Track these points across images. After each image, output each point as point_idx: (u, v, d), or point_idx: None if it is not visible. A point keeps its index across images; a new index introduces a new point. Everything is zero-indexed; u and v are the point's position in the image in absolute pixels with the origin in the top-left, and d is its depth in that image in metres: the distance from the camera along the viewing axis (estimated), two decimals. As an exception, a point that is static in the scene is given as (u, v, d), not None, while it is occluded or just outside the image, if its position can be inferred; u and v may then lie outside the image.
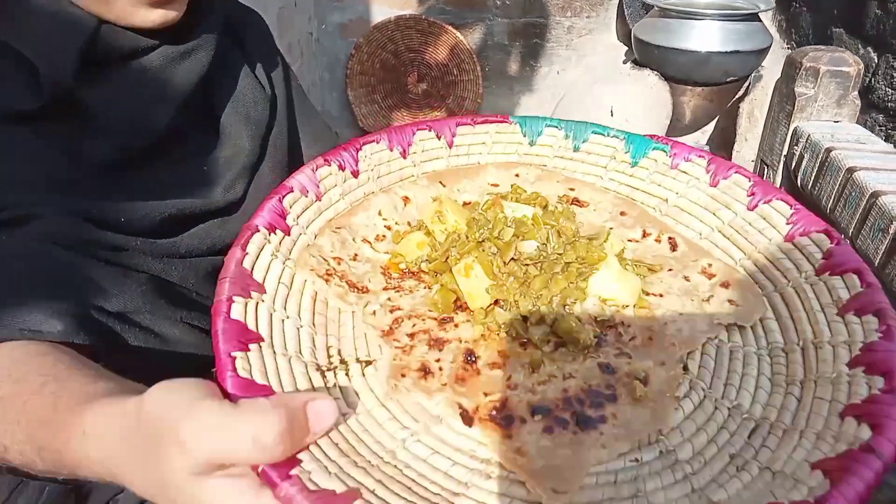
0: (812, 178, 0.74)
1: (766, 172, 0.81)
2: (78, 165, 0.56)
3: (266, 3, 2.06)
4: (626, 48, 2.30)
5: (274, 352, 0.41)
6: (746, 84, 2.06)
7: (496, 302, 0.46)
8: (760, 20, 1.98)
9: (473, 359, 0.43)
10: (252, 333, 0.41)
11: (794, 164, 0.77)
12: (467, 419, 0.39)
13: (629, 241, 0.54)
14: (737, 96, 2.09)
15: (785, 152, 0.80)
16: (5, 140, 0.53)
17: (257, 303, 0.43)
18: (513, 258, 0.45)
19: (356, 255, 0.50)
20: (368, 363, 0.43)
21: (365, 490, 0.34)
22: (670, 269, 0.51)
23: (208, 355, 0.40)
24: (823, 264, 0.47)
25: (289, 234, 0.48)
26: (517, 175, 0.59)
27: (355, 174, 0.54)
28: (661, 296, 0.49)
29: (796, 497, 0.33)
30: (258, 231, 0.46)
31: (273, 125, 0.71)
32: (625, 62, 2.24)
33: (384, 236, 0.52)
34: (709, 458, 0.38)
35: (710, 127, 2.32)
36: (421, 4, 2.46)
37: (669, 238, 0.53)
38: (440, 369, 0.42)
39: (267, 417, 0.32)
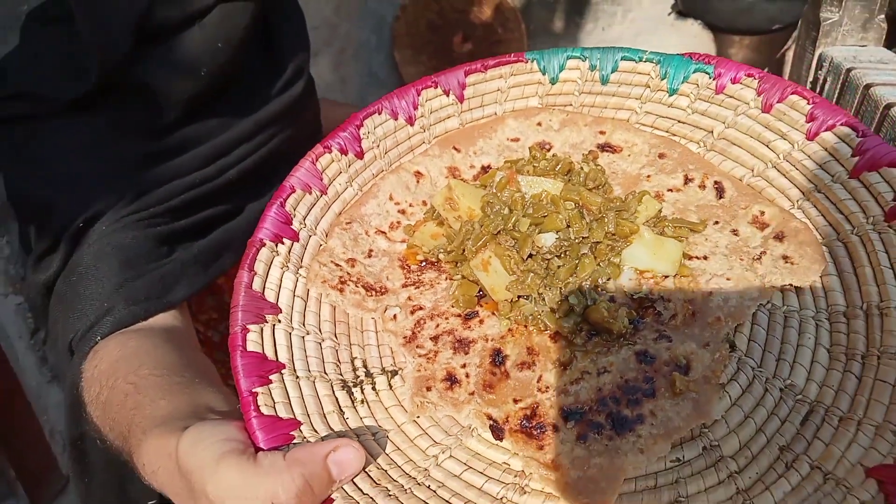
0: (834, 100, 0.72)
1: None
2: (138, 135, 0.64)
3: None
4: (672, 1, 2.23)
5: (297, 377, 0.42)
6: (795, 33, 1.90)
7: (525, 296, 0.44)
8: None
9: (501, 359, 0.43)
10: (271, 363, 0.41)
11: (818, 89, 0.75)
12: (497, 432, 0.40)
13: (669, 190, 0.49)
14: (785, 47, 2.06)
15: (811, 79, 0.76)
16: (74, 131, 0.62)
17: (273, 326, 0.43)
18: (531, 254, 0.43)
19: (371, 250, 0.49)
20: (394, 373, 0.44)
21: None
22: (716, 223, 0.47)
23: None
24: (895, 205, 0.42)
25: (297, 240, 0.47)
26: (539, 124, 0.54)
27: (359, 155, 0.52)
28: (705, 258, 0.45)
29: None
30: (264, 245, 0.45)
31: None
32: (669, 13, 2.25)
33: (398, 223, 0.50)
34: (756, 451, 0.37)
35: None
36: None
37: (715, 183, 0.49)
38: (466, 376, 0.42)
39: (283, 478, 0.34)
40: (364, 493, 0.37)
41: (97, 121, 0.63)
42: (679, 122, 0.52)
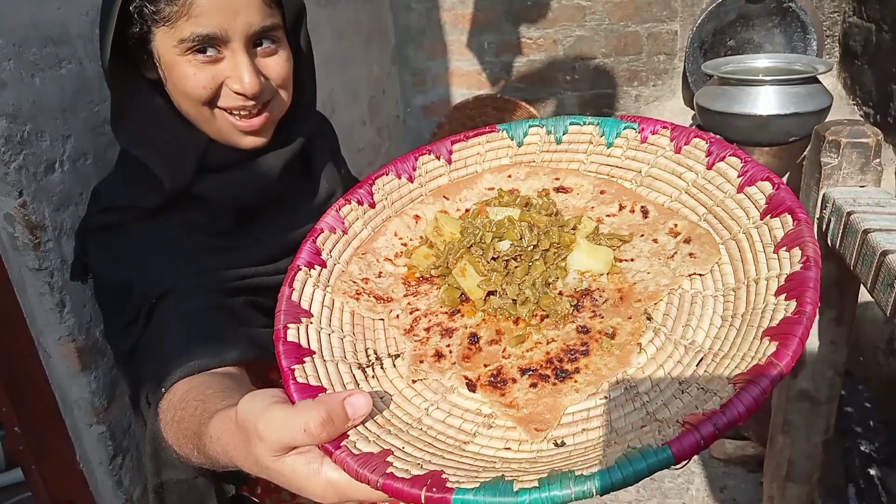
0: (839, 239, 0.82)
1: None
2: (202, 234, 0.84)
3: (359, 94, 2.44)
4: (693, 112, 2.49)
5: (324, 360, 0.57)
6: (806, 152, 2.11)
7: (493, 292, 0.60)
8: (819, 81, 2.10)
9: (476, 339, 0.58)
10: (305, 350, 0.57)
11: (823, 227, 0.87)
12: (471, 387, 0.54)
13: (608, 216, 0.66)
14: (805, 153, 2.25)
15: (817, 216, 0.89)
16: (152, 231, 0.82)
17: (307, 325, 0.60)
18: (493, 258, 0.59)
19: (380, 272, 0.66)
20: (397, 356, 0.59)
21: (395, 449, 0.49)
22: (642, 235, 0.63)
23: None
24: (766, 208, 0.57)
25: (325, 267, 0.65)
26: (509, 176, 0.72)
27: (372, 205, 0.70)
28: (632, 260, 0.61)
29: (711, 407, 0.45)
30: (300, 270, 0.63)
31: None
32: (690, 126, 2.40)
33: (401, 253, 0.67)
34: (663, 387, 0.51)
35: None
36: (496, 84, 2.81)
37: (642, 207, 0.65)
38: (450, 352, 0.57)
39: (312, 413, 0.48)
40: (372, 432, 0.51)
41: (168, 223, 0.84)
42: (615, 166, 0.69)
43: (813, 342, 1.04)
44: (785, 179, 2.72)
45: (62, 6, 1.00)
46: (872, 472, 1.33)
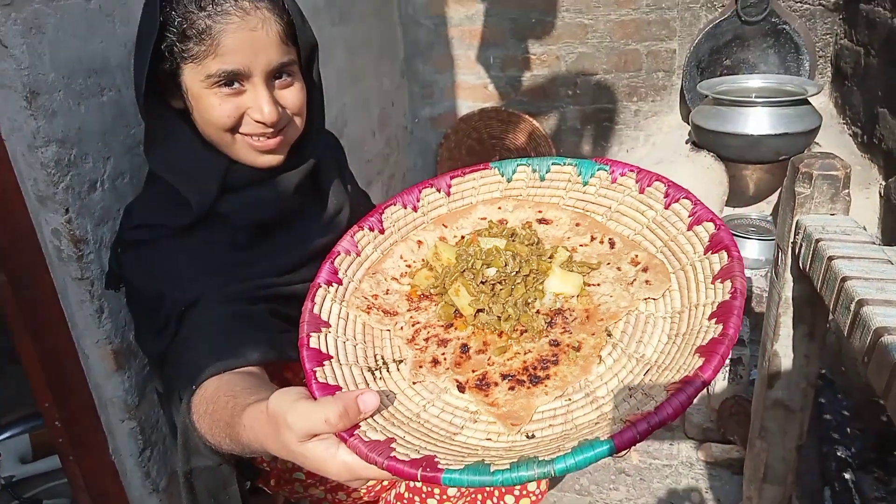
0: (808, 264, 0.87)
1: (780, 257, 1.00)
2: (224, 249, 0.96)
3: (369, 107, 2.55)
4: (690, 127, 2.58)
5: (340, 364, 0.70)
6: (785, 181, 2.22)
7: (482, 310, 0.72)
8: (809, 103, 2.20)
9: (466, 349, 0.70)
10: (324, 355, 0.70)
11: (797, 250, 0.92)
12: (461, 388, 0.66)
13: (581, 245, 0.78)
14: None
15: (791, 240, 0.94)
16: (179, 247, 0.94)
17: (326, 334, 0.72)
18: (482, 281, 0.71)
19: (388, 290, 0.78)
20: (400, 361, 0.71)
21: (398, 437, 0.61)
22: (608, 263, 0.75)
23: None
24: (708, 245, 0.69)
25: (341, 285, 0.77)
26: (499, 207, 0.84)
27: (382, 231, 0.82)
28: (598, 285, 0.73)
29: (647, 409, 0.57)
30: (321, 287, 0.75)
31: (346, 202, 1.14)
32: (686, 142, 2.53)
33: (406, 273, 0.80)
34: (616, 392, 0.63)
35: (775, 197, 2.57)
36: (501, 97, 2.94)
37: (609, 239, 0.77)
38: (444, 359, 0.69)
39: (331, 407, 0.60)
40: (379, 424, 0.63)
41: (194, 240, 0.95)
42: (589, 202, 0.81)
43: (787, 355, 1.13)
44: (777, 194, 2.82)
45: (104, 40, 1.09)
46: (847, 476, 1.40)
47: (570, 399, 0.64)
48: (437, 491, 1.11)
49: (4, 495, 1.72)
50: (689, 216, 0.72)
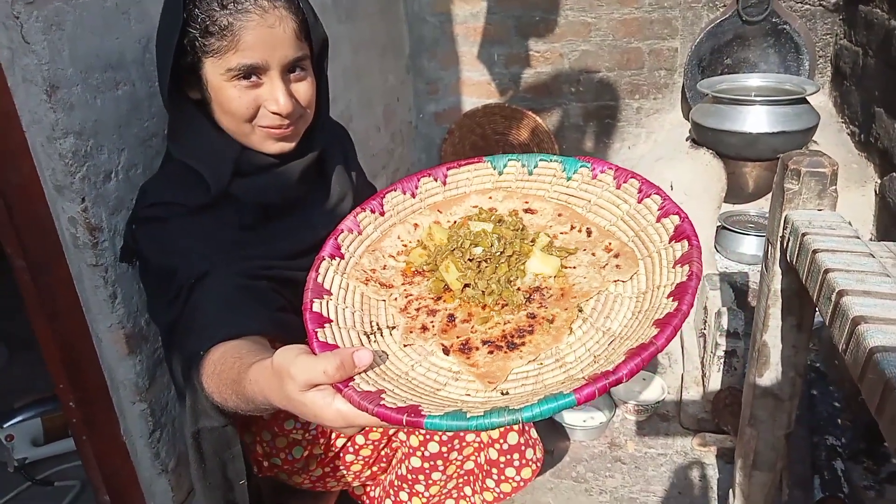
0: (795, 257, 0.90)
1: (769, 250, 1.05)
2: (232, 229, 1.05)
3: (374, 102, 2.63)
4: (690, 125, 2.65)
5: (339, 327, 0.78)
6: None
7: (468, 285, 0.80)
8: (807, 102, 2.26)
9: (453, 318, 0.78)
10: (325, 318, 0.78)
11: (785, 244, 0.95)
12: (446, 351, 0.74)
13: (561, 233, 0.86)
14: None
15: (780, 234, 0.97)
16: (191, 224, 1.02)
17: (327, 301, 0.80)
18: (469, 259, 0.79)
19: (385, 265, 0.86)
20: (393, 328, 0.79)
21: (388, 390, 0.69)
22: (584, 249, 0.83)
23: None
24: (673, 235, 0.77)
25: (343, 259, 0.85)
26: (490, 197, 0.93)
27: (382, 214, 0.91)
28: (574, 268, 0.81)
29: (606, 369, 0.65)
30: (324, 259, 0.84)
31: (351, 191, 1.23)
32: (687, 139, 2.59)
33: (402, 251, 0.88)
34: (582, 359, 0.71)
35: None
36: (504, 94, 3.01)
37: (587, 228, 0.85)
38: (433, 326, 0.78)
39: (330, 361, 0.68)
40: (372, 378, 0.71)
41: (205, 219, 1.03)
42: (572, 195, 0.90)
43: (776, 346, 1.17)
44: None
45: (120, 36, 1.15)
46: (837, 465, 1.44)
47: (541, 363, 0.72)
48: (421, 477, 1.18)
49: (18, 476, 1.80)
50: (658, 210, 0.81)
